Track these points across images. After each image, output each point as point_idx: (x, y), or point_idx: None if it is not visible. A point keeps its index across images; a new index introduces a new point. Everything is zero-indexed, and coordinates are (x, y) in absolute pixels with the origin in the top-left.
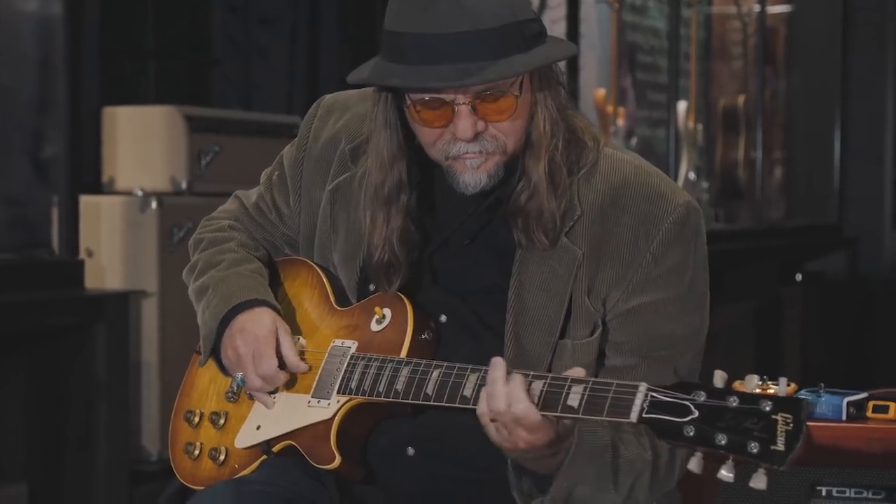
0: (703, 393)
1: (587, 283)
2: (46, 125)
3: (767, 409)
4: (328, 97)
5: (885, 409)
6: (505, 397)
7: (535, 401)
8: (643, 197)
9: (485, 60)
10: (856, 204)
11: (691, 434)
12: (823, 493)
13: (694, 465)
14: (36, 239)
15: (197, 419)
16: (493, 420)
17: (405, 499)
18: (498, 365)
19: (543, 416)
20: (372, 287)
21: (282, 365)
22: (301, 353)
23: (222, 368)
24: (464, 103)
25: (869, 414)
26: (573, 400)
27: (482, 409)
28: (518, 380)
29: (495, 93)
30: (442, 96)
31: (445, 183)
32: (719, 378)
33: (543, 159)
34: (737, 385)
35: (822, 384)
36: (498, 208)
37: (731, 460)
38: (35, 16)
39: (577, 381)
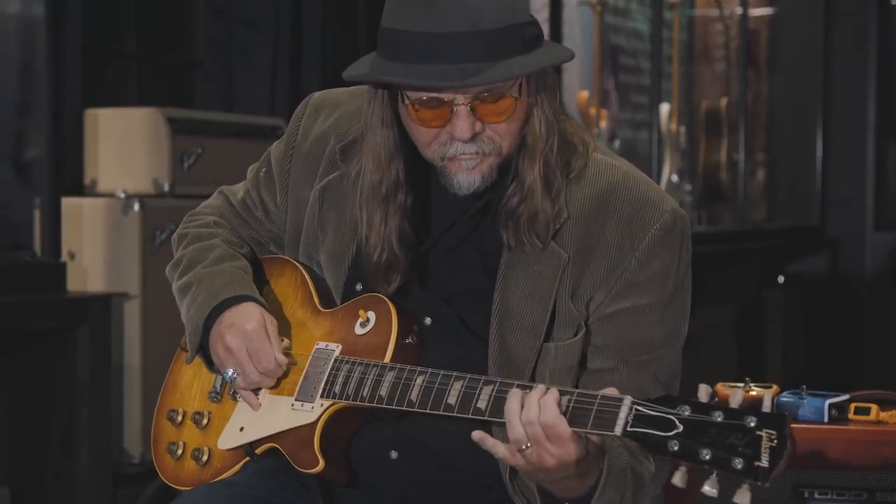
0: (687, 407)
1: (572, 286)
2: (28, 127)
3: (752, 424)
4: (317, 94)
5: (866, 411)
6: (536, 406)
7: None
8: (631, 202)
9: (485, 61)
10: (838, 206)
11: (676, 449)
12: (806, 496)
13: (678, 479)
14: (18, 241)
15: (180, 418)
16: (522, 448)
17: (388, 502)
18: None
19: (574, 431)
20: (359, 287)
21: None
22: (285, 354)
23: (210, 365)
24: (463, 104)
25: (851, 416)
26: None
27: (515, 434)
28: (552, 392)
29: (494, 94)
30: (441, 96)
31: (437, 184)
32: (704, 392)
33: (538, 162)
34: (720, 388)
35: (804, 386)
36: (487, 211)
37: (714, 475)
38: (17, 17)
39: (562, 391)
